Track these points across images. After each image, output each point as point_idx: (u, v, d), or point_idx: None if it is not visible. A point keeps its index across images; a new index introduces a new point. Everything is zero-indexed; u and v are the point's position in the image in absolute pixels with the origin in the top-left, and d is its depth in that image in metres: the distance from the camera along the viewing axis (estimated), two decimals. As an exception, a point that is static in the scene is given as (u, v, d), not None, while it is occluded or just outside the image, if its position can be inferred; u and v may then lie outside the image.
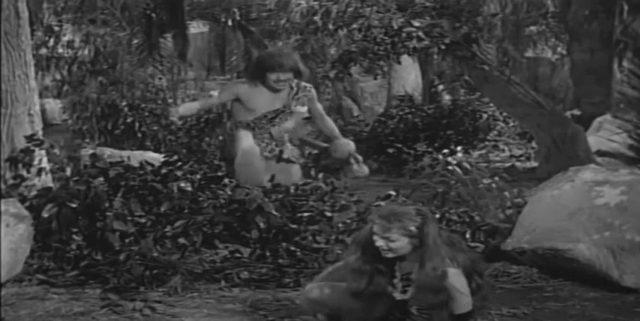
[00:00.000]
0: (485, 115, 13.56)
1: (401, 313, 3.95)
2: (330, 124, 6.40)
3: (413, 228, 3.76)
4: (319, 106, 6.30)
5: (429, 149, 12.02)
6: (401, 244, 3.78)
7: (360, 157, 6.38)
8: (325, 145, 6.50)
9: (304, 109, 6.21)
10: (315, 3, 10.11)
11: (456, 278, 3.78)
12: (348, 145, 6.36)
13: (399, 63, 11.28)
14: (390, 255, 3.82)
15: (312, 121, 6.68)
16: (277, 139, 6.19)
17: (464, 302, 3.80)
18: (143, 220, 5.53)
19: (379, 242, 3.79)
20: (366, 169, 6.48)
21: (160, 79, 14.63)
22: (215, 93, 6.23)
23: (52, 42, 16.09)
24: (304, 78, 6.08)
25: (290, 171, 6.25)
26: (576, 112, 13.04)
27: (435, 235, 3.79)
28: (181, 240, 5.55)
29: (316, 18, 10.04)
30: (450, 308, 3.81)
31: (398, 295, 3.91)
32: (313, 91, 6.21)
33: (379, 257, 3.85)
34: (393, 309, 3.97)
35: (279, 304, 4.89)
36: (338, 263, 4.18)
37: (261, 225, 5.53)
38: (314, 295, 4.04)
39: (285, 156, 6.19)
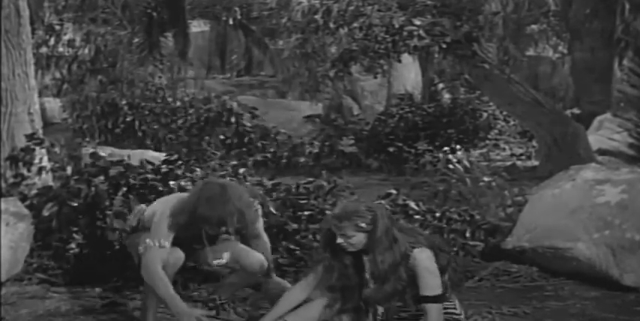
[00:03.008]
0: (485, 114, 13.56)
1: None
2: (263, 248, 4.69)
3: (364, 224, 3.93)
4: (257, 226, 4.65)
5: (430, 148, 12.03)
6: (358, 239, 3.95)
7: None
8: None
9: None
10: (317, 1, 10.11)
11: (422, 256, 3.91)
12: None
13: (400, 61, 11.28)
14: (351, 249, 3.99)
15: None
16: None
17: (432, 283, 3.90)
18: (143, 219, 5.52)
19: (339, 239, 3.97)
20: None
21: (160, 77, 14.64)
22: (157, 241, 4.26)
23: (52, 41, 16.10)
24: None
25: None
26: (576, 110, 13.05)
27: (384, 229, 3.93)
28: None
29: (317, 17, 10.03)
30: (419, 290, 3.90)
31: (371, 286, 4.02)
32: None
33: (344, 252, 4.01)
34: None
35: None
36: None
37: (262, 224, 5.52)
38: None
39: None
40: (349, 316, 4.10)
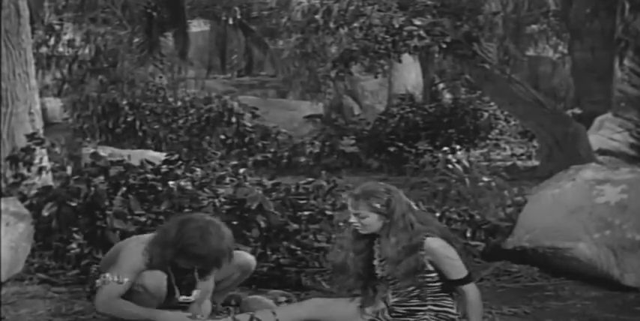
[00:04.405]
0: (486, 114, 13.57)
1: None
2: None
3: (379, 205, 3.98)
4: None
5: (430, 148, 12.03)
6: (371, 220, 3.99)
7: None
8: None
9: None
10: (317, 1, 10.10)
11: (434, 245, 3.95)
12: None
13: (400, 62, 11.28)
14: (363, 231, 4.04)
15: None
16: None
17: (456, 267, 3.95)
18: (143, 219, 5.53)
19: (352, 219, 4.05)
20: None
21: (161, 77, 14.64)
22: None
23: (52, 40, 16.08)
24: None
25: None
26: (577, 110, 13.04)
27: (402, 212, 3.98)
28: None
29: (317, 16, 10.02)
30: (446, 276, 3.96)
31: (380, 273, 4.09)
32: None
33: (358, 238, 4.09)
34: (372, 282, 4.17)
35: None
36: None
37: (262, 224, 5.53)
38: None
39: None
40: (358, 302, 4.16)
